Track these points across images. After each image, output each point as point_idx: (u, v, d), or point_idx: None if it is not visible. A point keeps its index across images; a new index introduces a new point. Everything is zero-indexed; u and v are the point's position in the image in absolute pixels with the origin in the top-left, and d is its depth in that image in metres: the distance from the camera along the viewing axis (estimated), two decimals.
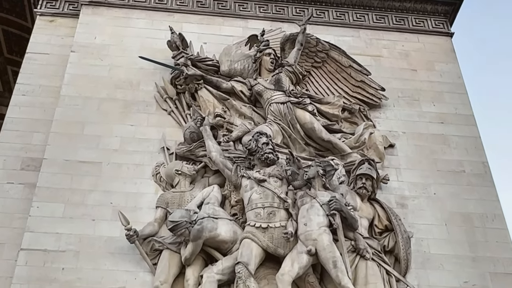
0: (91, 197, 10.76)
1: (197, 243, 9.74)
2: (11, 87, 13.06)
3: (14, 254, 10.10)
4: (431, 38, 14.35)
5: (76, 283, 9.78)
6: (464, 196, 11.72)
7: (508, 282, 10.70)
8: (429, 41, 14.28)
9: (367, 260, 9.97)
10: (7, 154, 11.49)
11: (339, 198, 10.09)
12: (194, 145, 11.26)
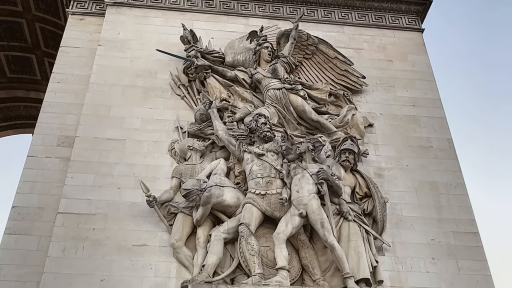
0: (116, 169, 10.80)
1: (206, 207, 9.82)
2: (48, 76, 13.07)
3: (52, 217, 10.19)
4: (405, 33, 14.30)
5: (105, 241, 9.87)
6: (431, 168, 11.78)
7: (467, 239, 10.81)
8: (403, 36, 14.24)
9: (349, 221, 10.06)
10: (45, 133, 11.53)
11: (326, 169, 10.15)
12: (203, 125, 11.30)
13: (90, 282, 9.37)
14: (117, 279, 9.45)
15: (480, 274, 10.39)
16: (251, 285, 8.95)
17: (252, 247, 9.40)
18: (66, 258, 9.60)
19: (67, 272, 9.44)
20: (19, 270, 9.73)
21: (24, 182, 10.81)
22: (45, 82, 13.71)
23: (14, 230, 10.20)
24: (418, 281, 10.15)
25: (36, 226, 10.26)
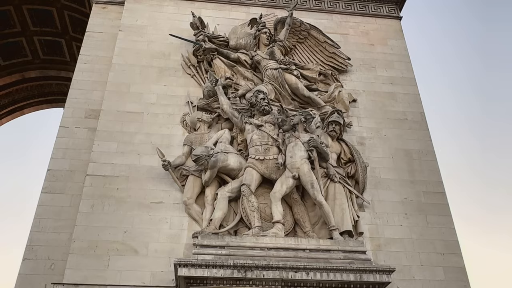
0: (136, 138, 10.80)
1: (213, 170, 9.86)
2: (76, 57, 12.97)
3: (82, 179, 10.24)
4: (385, 20, 14.09)
5: (127, 199, 9.94)
6: (406, 137, 11.77)
7: (435, 198, 10.88)
8: (383, 23, 14.03)
9: (335, 182, 10.11)
10: (75, 107, 11.48)
11: (316, 138, 10.16)
12: (210, 100, 11.26)
13: (115, 233, 9.48)
14: (138, 231, 9.56)
15: (445, 227, 10.51)
16: (252, 236, 9.06)
17: (253, 204, 9.49)
18: (94, 213, 9.69)
19: (95, 225, 9.54)
20: (54, 223, 9.83)
21: (57, 149, 10.83)
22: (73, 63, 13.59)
23: (50, 189, 10.26)
24: (392, 233, 10.26)
25: (68, 186, 10.32)
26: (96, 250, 9.25)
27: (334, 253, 8.89)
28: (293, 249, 8.89)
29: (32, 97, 19.11)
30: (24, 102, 19.13)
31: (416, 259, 9.97)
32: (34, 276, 9.20)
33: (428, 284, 9.67)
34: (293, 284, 8.41)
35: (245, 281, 8.32)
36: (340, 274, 8.47)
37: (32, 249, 9.51)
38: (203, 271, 8.25)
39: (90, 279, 8.86)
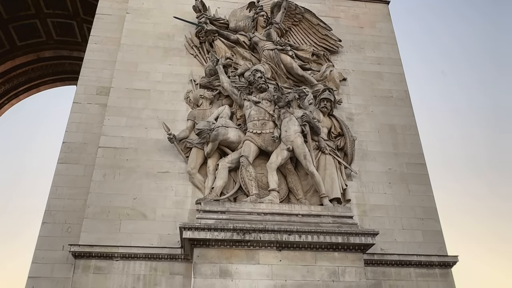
0: (144, 113, 10.75)
1: (215, 143, 9.86)
2: (87, 38, 12.75)
3: (94, 150, 10.24)
4: (374, 5, 13.85)
5: (136, 169, 9.97)
6: (391, 113, 11.75)
7: (416, 168, 10.94)
8: (372, 7, 13.79)
9: (326, 154, 10.14)
10: (86, 84, 11.38)
11: (308, 114, 10.13)
12: (212, 78, 11.16)
13: (125, 200, 9.55)
14: (146, 197, 9.63)
15: (425, 195, 10.61)
16: (250, 202, 9.13)
17: (250, 174, 9.53)
18: (106, 182, 9.74)
19: (107, 192, 9.60)
20: (70, 190, 9.88)
21: (71, 123, 10.79)
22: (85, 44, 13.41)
23: (65, 160, 10.27)
24: (377, 200, 10.36)
25: (82, 157, 10.32)
26: (109, 215, 9.33)
27: (324, 218, 8.99)
28: (287, 214, 8.97)
29: (47, 76, 18.92)
30: (40, 80, 18.96)
31: (398, 224, 10.11)
32: (53, 238, 9.30)
33: (408, 246, 9.83)
34: (287, 246, 8.53)
35: (243, 242, 8.43)
36: (329, 237, 8.59)
37: (50, 214, 9.59)
38: (205, 233, 8.35)
39: (104, 241, 8.97)
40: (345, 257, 8.63)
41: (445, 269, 9.64)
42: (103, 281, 8.55)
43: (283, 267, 8.36)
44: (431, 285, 9.40)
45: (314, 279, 8.33)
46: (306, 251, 8.56)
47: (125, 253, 8.78)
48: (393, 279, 9.34)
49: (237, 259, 8.34)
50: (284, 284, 8.21)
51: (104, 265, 8.70)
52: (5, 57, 17.07)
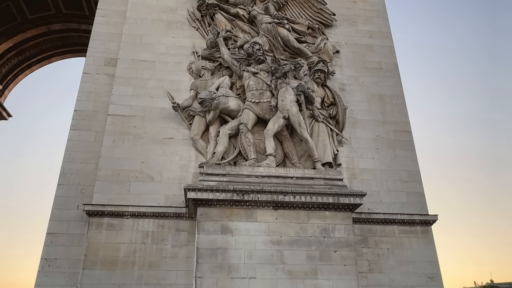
0: (149, 83, 10.62)
1: (216, 111, 9.81)
2: (94, 12, 12.38)
3: (104, 118, 10.17)
4: None
5: (143, 135, 9.95)
6: (380, 84, 11.63)
7: (402, 135, 10.94)
8: None
9: (319, 122, 10.11)
10: (95, 56, 11.17)
11: (303, 84, 10.03)
12: (213, 50, 10.96)
13: (134, 164, 9.58)
14: (153, 161, 9.66)
15: (410, 160, 10.67)
16: (248, 166, 9.18)
17: (249, 140, 9.54)
18: (115, 147, 9.73)
19: (117, 157, 9.62)
20: (82, 155, 9.88)
21: (82, 92, 10.66)
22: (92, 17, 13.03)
23: (77, 127, 10.21)
24: (365, 164, 10.42)
25: (92, 124, 10.26)
26: (119, 177, 9.38)
27: (316, 180, 9.07)
28: (282, 177, 9.04)
29: (57, 47, 18.52)
30: (51, 52, 18.58)
31: (384, 186, 10.21)
32: (68, 198, 9.38)
33: (393, 206, 9.97)
34: (282, 205, 8.64)
35: (242, 202, 8.53)
36: (321, 197, 8.69)
37: (65, 176, 9.63)
38: (208, 194, 8.43)
39: (115, 201, 9.06)
40: (335, 216, 8.76)
41: (425, 226, 9.82)
42: (115, 237, 8.70)
43: (279, 225, 8.50)
44: (413, 240, 9.61)
45: (306, 235, 8.50)
46: (299, 210, 8.68)
47: (135, 212, 8.90)
48: (378, 236, 9.53)
49: (236, 217, 8.47)
50: (280, 239, 8.37)
51: (116, 223, 8.83)
52: (17, 30, 16.67)
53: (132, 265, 8.48)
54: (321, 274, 8.15)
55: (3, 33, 16.52)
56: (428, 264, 9.39)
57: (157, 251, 8.68)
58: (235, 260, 8.06)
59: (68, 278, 8.62)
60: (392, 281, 9.09)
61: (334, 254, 8.38)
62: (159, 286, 8.38)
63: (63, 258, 8.81)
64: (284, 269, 8.10)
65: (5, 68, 17.80)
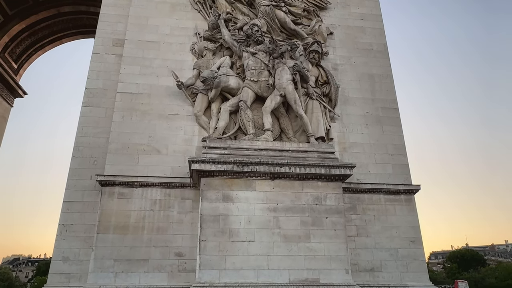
0: (155, 62, 10.49)
1: (217, 89, 9.74)
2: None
3: (113, 95, 10.09)
4: None
5: (150, 111, 9.90)
6: (370, 64, 11.51)
7: (390, 112, 10.90)
8: None
9: (313, 99, 10.06)
10: (103, 36, 10.98)
11: (299, 64, 9.93)
12: (214, 32, 10.78)
13: (142, 138, 9.58)
14: (159, 136, 9.66)
15: (396, 135, 10.68)
16: (247, 140, 9.20)
17: (248, 116, 9.51)
18: (124, 122, 9.71)
19: (126, 131, 9.60)
20: (94, 130, 9.87)
21: (92, 71, 10.54)
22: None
23: (88, 104, 10.16)
24: (355, 138, 10.44)
25: (102, 101, 10.20)
26: (128, 150, 9.40)
27: (310, 153, 9.12)
28: (279, 150, 9.08)
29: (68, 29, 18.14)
30: (62, 33, 18.20)
31: (372, 158, 10.27)
32: (82, 169, 9.43)
33: (380, 177, 10.06)
34: (279, 176, 8.71)
35: (242, 173, 8.60)
36: (314, 169, 8.76)
37: (79, 149, 9.64)
38: (210, 166, 8.48)
39: (125, 172, 9.11)
40: (327, 186, 8.86)
41: (409, 195, 9.94)
42: (126, 204, 8.80)
43: (275, 193, 8.60)
44: (397, 208, 9.75)
45: (300, 203, 8.61)
46: (294, 180, 8.76)
47: (143, 182, 8.97)
48: (366, 204, 9.66)
49: (237, 187, 8.55)
50: (276, 207, 8.49)
51: (126, 192, 8.91)
52: (29, 12, 16.27)
53: (142, 229, 8.62)
54: (314, 238, 8.31)
55: (16, 14, 16.14)
56: (410, 229, 9.57)
57: (164, 217, 8.81)
58: (235, 225, 8.19)
59: (84, 241, 8.77)
60: (377, 244, 9.28)
61: (325, 220, 8.51)
62: (166, 248, 8.54)
63: (79, 223, 8.94)
64: (280, 234, 8.25)
65: (19, 48, 17.50)
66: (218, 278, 7.72)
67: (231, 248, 7.98)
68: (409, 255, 9.31)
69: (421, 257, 9.38)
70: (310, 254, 8.16)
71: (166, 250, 8.51)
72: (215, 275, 7.75)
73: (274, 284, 7.75)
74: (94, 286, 8.02)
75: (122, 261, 8.30)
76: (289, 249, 8.14)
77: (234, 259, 7.89)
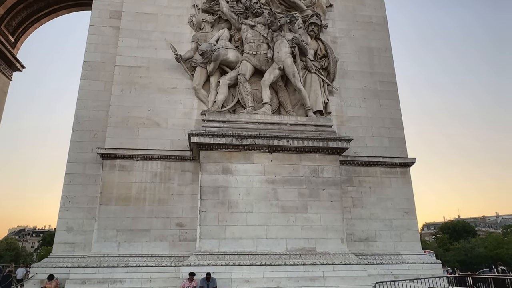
0: (153, 35, 10.27)
1: (216, 62, 9.60)
2: None
3: (111, 68, 9.92)
4: None
5: (149, 85, 9.78)
6: (370, 37, 11.31)
7: (388, 86, 10.79)
8: None
9: (311, 73, 9.94)
10: (100, 9, 10.70)
11: (298, 37, 9.74)
12: (212, 3, 10.51)
13: (141, 111, 9.52)
14: (159, 109, 9.60)
15: (393, 108, 10.63)
16: (246, 113, 9.16)
17: (247, 89, 9.43)
18: (124, 96, 9.62)
19: (126, 105, 9.53)
20: (94, 103, 9.79)
21: (90, 44, 10.34)
22: None
23: (87, 77, 10.02)
24: (353, 112, 10.40)
25: (101, 75, 10.06)
26: (128, 123, 9.37)
27: (308, 127, 9.11)
28: (277, 123, 9.06)
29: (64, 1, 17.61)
30: (58, 5, 17.67)
31: (369, 132, 10.28)
32: (82, 142, 9.42)
33: (376, 150, 10.10)
34: (277, 149, 8.74)
35: (241, 146, 8.61)
36: (312, 142, 8.78)
37: (79, 122, 9.60)
38: (209, 139, 8.49)
39: (125, 145, 9.11)
40: (324, 158, 8.91)
41: (404, 168, 10.02)
42: (127, 176, 8.86)
43: (274, 166, 8.66)
44: (392, 180, 9.85)
45: (298, 175, 8.68)
46: (292, 153, 8.80)
47: (144, 155, 8.99)
48: (362, 176, 9.75)
49: (236, 159, 8.59)
50: (274, 179, 8.57)
51: (127, 164, 8.95)
52: None
53: (143, 201, 8.72)
54: (310, 209, 8.44)
55: None
56: (404, 201, 9.70)
57: (165, 189, 8.89)
58: (234, 196, 8.29)
59: (87, 212, 8.89)
60: (372, 215, 9.44)
61: (322, 191, 8.62)
62: (168, 219, 8.68)
63: (82, 195, 9.03)
64: (278, 205, 8.37)
65: (15, 21, 17.06)
66: (218, 247, 7.89)
67: (230, 218, 8.12)
68: (402, 225, 9.49)
69: (414, 227, 9.56)
70: (307, 224, 8.30)
71: (167, 221, 8.65)
72: (215, 244, 7.91)
73: (272, 252, 7.94)
74: (98, 255, 8.20)
75: (125, 231, 8.44)
76: (286, 219, 8.28)
77: (234, 229, 8.04)
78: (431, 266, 9.04)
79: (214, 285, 7.01)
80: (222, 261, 7.66)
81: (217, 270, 7.47)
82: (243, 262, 7.67)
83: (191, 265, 7.55)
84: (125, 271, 8.00)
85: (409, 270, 8.81)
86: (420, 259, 9.12)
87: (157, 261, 8.20)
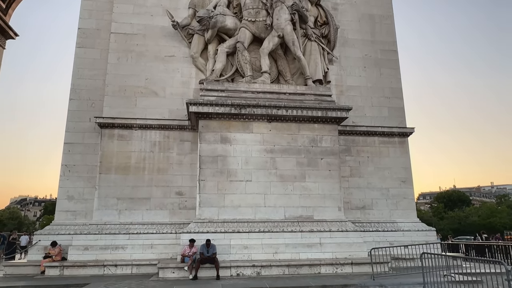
0: (149, 1, 9.94)
1: (214, 30, 9.36)
2: None
3: (107, 36, 9.65)
4: None
5: (146, 53, 9.58)
6: (371, 4, 10.98)
7: (389, 54, 10.61)
8: None
9: (311, 41, 9.74)
10: None
11: (298, 3, 9.45)
12: None
13: (139, 80, 9.39)
14: (156, 78, 9.46)
15: (393, 78, 10.50)
16: (245, 82, 9.04)
17: (246, 58, 9.25)
18: (120, 64, 9.45)
19: (123, 73, 9.38)
20: (90, 72, 9.61)
21: (84, 10, 10.03)
22: None
23: (82, 45, 9.79)
24: (353, 81, 10.29)
25: (97, 42, 9.83)
26: (125, 92, 9.26)
27: (307, 96, 9.01)
28: (276, 92, 8.96)
29: None
30: None
31: (369, 101, 10.20)
32: (80, 112, 9.34)
33: (375, 119, 10.07)
34: (276, 118, 8.69)
35: (240, 116, 8.56)
36: (311, 111, 8.72)
37: (76, 91, 9.48)
38: (208, 108, 8.42)
39: (123, 114, 9.05)
40: (323, 128, 8.88)
41: (403, 138, 10.02)
42: (126, 146, 8.86)
43: (272, 135, 8.64)
44: (390, 149, 9.88)
45: (297, 144, 8.69)
46: (291, 123, 8.76)
47: (142, 124, 8.95)
48: (360, 145, 9.77)
49: (234, 129, 8.56)
50: (273, 148, 8.58)
51: (126, 133, 8.92)
52: None
53: (143, 170, 8.77)
54: (309, 178, 8.51)
55: None
56: (402, 170, 9.78)
57: (164, 158, 8.92)
58: (233, 166, 8.33)
59: (87, 181, 8.94)
60: (370, 184, 9.53)
61: (320, 161, 8.65)
62: (167, 188, 8.76)
63: (81, 164, 9.05)
64: (276, 174, 8.42)
65: None
66: (217, 215, 8.01)
67: (229, 187, 8.19)
68: (399, 194, 9.61)
69: (410, 196, 9.69)
70: (305, 193, 8.40)
71: (167, 190, 8.74)
72: (214, 212, 8.03)
73: (270, 220, 8.07)
74: (100, 222, 8.33)
75: (125, 200, 8.54)
76: (285, 188, 8.36)
77: (233, 197, 8.13)
78: (425, 233, 9.23)
79: (214, 251, 7.17)
80: (222, 228, 7.80)
81: (216, 237, 7.61)
82: (242, 229, 7.81)
83: (191, 232, 7.69)
84: (126, 238, 8.16)
85: (403, 237, 9.00)
86: (415, 227, 9.31)
87: (158, 228, 8.35)
